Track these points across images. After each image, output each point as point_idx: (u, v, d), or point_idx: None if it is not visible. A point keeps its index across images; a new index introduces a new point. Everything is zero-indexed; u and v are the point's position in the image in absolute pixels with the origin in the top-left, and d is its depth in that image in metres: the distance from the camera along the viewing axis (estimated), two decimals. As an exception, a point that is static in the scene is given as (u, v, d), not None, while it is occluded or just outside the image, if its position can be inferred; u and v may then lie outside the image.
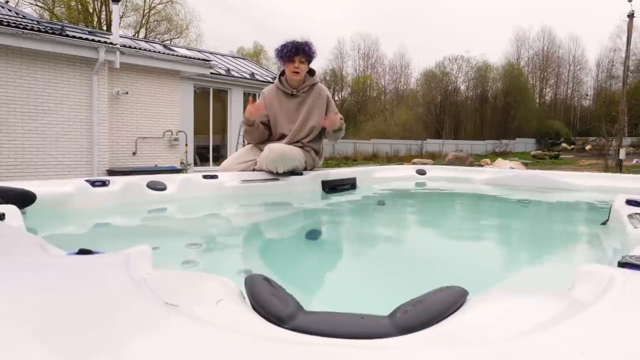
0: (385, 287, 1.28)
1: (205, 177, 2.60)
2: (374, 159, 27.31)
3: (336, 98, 48.11)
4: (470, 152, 29.19)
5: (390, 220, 2.57)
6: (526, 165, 18.69)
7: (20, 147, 7.92)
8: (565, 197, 3.24)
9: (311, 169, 3.09)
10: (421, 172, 3.97)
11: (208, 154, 12.70)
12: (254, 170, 2.93)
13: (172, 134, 10.24)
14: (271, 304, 0.52)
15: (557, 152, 29.54)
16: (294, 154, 2.86)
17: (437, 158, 25.56)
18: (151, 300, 0.55)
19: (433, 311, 0.51)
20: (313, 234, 2.13)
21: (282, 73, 3.09)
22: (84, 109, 8.63)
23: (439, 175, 3.98)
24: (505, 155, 28.42)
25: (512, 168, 12.18)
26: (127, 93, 9.33)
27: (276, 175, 2.83)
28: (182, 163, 10.52)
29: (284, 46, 2.94)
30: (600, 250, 1.70)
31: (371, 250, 1.88)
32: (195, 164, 11.76)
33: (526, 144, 36.50)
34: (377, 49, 50.46)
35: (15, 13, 9.41)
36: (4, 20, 7.76)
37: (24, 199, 1.82)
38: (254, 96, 13.31)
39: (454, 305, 0.55)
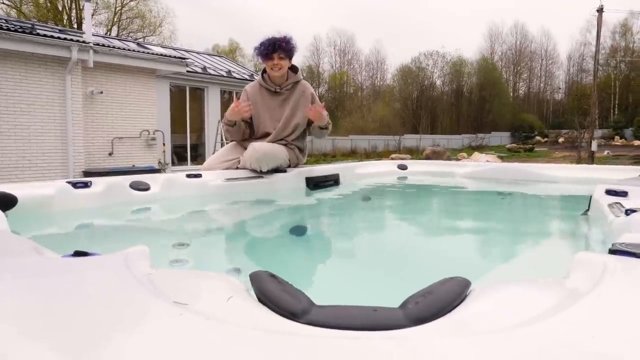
0: (371, 282, 1.29)
1: (188, 176, 2.58)
2: (352, 155, 27.42)
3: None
4: (447, 146, 29.57)
5: (374, 216, 2.59)
6: (502, 158, 19.04)
7: (-9, 149, 7.70)
8: (544, 188, 3.32)
9: (295, 166, 3.09)
10: (402, 167, 4.01)
11: (186, 153, 12.55)
12: (237, 168, 2.91)
13: (149, 134, 10.09)
14: (283, 300, 0.53)
15: (531, 145, 30.18)
16: (278, 153, 2.85)
17: (414, 153, 25.81)
18: (160, 298, 0.55)
19: (442, 302, 0.52)
20: (298, 230, 2.14)
21: (265, 70, 3.07)
22: (57, 110, 8.42)
23: (420, 170, 4.03)
24: (481, 149, 28.89)
25: (489, 161, 12.40)
26: (101, 92, 9.14)
27: (260, 173, 2.82)
28: (159, 163, 10.37)
29: (262, 44, 2.92)
30: (583, 239, 1.75)
31: (357, 246, 1.89)
32: (173, 163, 11.60)
33: (501, 138, 37.18)
34: (352, 44, 50.65)
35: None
36: (-29, 18, 7.52)
37: (4, 202, 1.77)
38: (230, 94, 13.19)
39: (460, 296, 0.56)
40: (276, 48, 2.90)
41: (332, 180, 3.22)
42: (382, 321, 0.48)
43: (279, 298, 0.53)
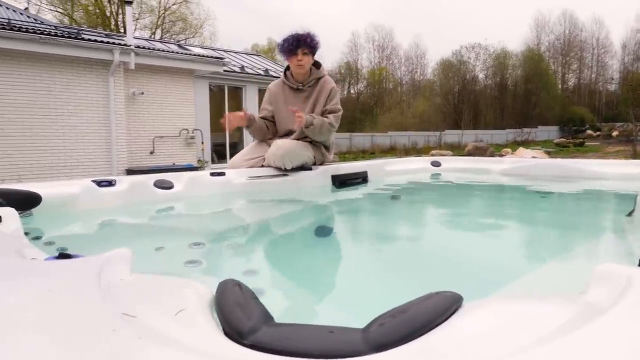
0: (398, 288, 1.22)
1: (212, 174, 2.57)
2: (391, 151, 27.05)
3: (352, 91, 47.87)
4: (491, 141, 28.67)
5: (404, 215, 2.50)
6: (549, 153, 18.26)
7: (42, 149, 8.07)
8: (588, 186, 3.11)
9: (320, 164, 3.04)
10: (436, 164, 3.88)
11: (225, 151, 12.74)
12: (262, 166, 2.89)
13: (188, 132, 10.31)
14: (232, 316, 0.47)
15: (582, 140, 28.74)
16: (302, 150, 2.80)
17: (456, 149, 25.20)
18: (107, 311, 0.51)
19: (416, 322, 0.45)
20: (322, 231, 2.08)
21: (288, 67, 3.03)
22: (101, 110, 8.74)
23: (455, 167, 3.88)
24: (527, 144, 27.83)
25: (535, 157, 11.90)
26: (142, 93, 9.41)
27: (285, 171, 2.79)
28: (199, 161, 10.59)
29: (285, 40, 2.88)
30: (625, 244, 1.60)
31: (384, 247, 1.81)
32: (213, 161, 11.81)
33: (549, 132, 35.67)
34: (391, 39, 49.91)
35: (34, 19, 9.57)
36: (23, 27, 7.90)
37: (28, 201, 1.82)
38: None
39: (442, 315, 0.49)
40: (300, 44, 2.85)
41: (359, 178, 3.15)
42: (336, 346, 0.42)
43: (228, 313, 0.48)
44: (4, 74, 7.61)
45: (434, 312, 0.48)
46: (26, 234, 1.76)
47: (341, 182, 2.96)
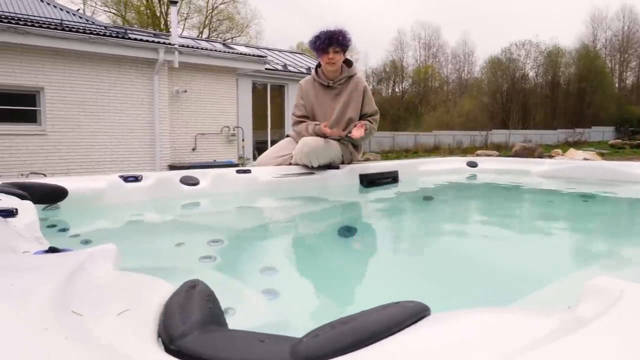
0: (419, 294, 1.16)
1: (238, 171, 2.58)
2: (435, 151, 26.52)
3: (396, 90, 47.29)
4: (540, 142, 27.56)
5: (435, 218, 2.41)
6: (602, 155, 17.33)
7: (90, 144, 8.43)
8: (637, 191, 2.91)
9: (349, 163, 3.00)
10: (472, 165, 3.74)
11: (267, 148, 12.88)
12: (290, 164, 2.87)
13: (229, 130, 10.49)
14: (169, 319, 0.45)
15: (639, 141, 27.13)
16: (329, 148, 2.77)
17: (503, 149, 24.40)
18: (55, 308, 0.50)
19: (350, 337, 0.41)
20: (346, 231, 2.03)
21: (319, 65, 3.00)
22: (146, 108, 9.03)
23: (492, 168, 3.74)
24: (579, 145, 26.54)
25: (586, 159, 11.31)
26: (185, 91, 9.65)
27: (311, 169, 2.76)
28: (240, 158, 10.76)
29: (317, 37, 2.84)
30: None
31: (410, 250, 1.74)
32: (255, 158, 11.98)
33: (604, 133, 33.86)
34: (438, 37, 48.89)
35: (86, 20, 10.02)
36: (74, 27, 8.28)
37: (55, 195, 1.88)
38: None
39: (396, 326, 0.45)
40: (332, 42, 2.81)
41: (389, 178, 3.08)
42: (258, 357, 0.38)
43: (166, 316, 0.46)
44: (55, 72, 8.00)
45: (382, 324, 0.44)
46: (53, 226, 1.84)
47: (369, 181, 2.90)
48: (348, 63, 2.99)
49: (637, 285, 0.55)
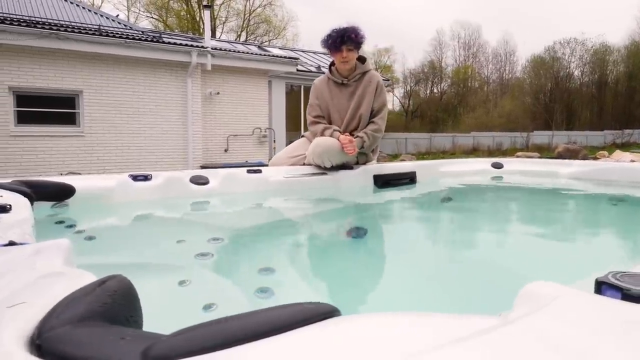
0: (427, 302, 1.11)
1: (249, 171, 2.58)
2: (473, 152, 25.92)
3: (435, 91, 46.54)
4: (585, 143, 26.44)
5: (452, 220, 2.32)
6: (652, 157, 16.41)
7: (125, 145, 8.71)
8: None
9: (363, 164, 2.94)
10: (497, 166, 3.60)
11: (299, 149, 12.95)
12: (304, 164, 2.85)
13: (261, 131, 10.59)
14: (48, 313, 0.43)
15: (695, 143, 25.56)
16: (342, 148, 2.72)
17: (544, 151, 23.55)
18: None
19: (223, 335, 0.38)
20: (356, 233, 1.97)
21: (333, 63, 2.96)
22: (179, 110, 9.25)
23: (518, 169, 3.58)
24: (627, 146, 25.27)
25: (633, 161, 10.74)
26: (218, 93, 9.81)
27: (324, 169, 2.72)
28: (271, 158, 10.85)
29: (329, 36, 2.80)
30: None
31: (423, 255, 1.65)
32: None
33: (656, 134, 32.16)
34: (478, 36, 47.82)
35: (124, 25, 10.36)
36: (111, 32, 8.57)
37: (63, 192, 1.93)
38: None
39: (280, 328, 0.41)
40: (344, 40, 2.77)
41: (406, 179, 3.00)
42: (106, 356, 0.36)
43: (50, 311, 0.44)
44: (94, 76, 8.31)
45: (259, 324, 0.40)
46: (61, 222, 1.88)
47: (384, 182, 2.83)
48: (362, 59, 2.94)
49: (574, 291, 0.49)
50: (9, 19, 7.57)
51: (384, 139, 26.72)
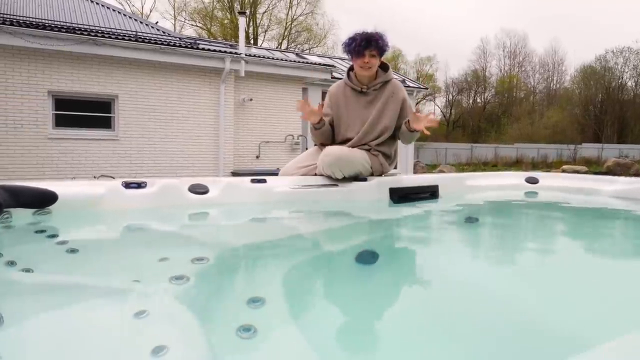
0: (452, 348, 0.91)
1: (253, 181, 2.41)
2: (517, 164, 24.95)
3: (478, 100, 45.40)
4: (639, 158, 24.97)
5: (477, 244, 2.03)
6: None
7: (157, 150, 8.78)
8: None
9: (379, 175, 2.71)
10: (532, 181, 3.29)
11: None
12: (315, 175, 2.65)
13: (293, 138, 10.48)
14: None
15: None
16: (355, 158, 2.51)
17: (593, 164, 22.39)
18: None
19: None
20: (365, 257, 1.69)
21: (352, 68, 2.76)
22: (212, 115, 9.27)
23: (555, 185, 3.25)
24: (686, 162, 23.66)
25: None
26: (251, 100, 9.78)
27: (335, 181, 2.52)
28: (303, 167, 10.71)
29: (352, 39, 2.60)
30: None
31: (440, 287, 1.37)
32: (318, 167, 11.90)
33: None
34: (525, 45, 46.32)
35: (162, 32, 10.52)
36: (147, 38, 8.70)
37: (44, 199, 1.82)
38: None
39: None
40: (369, 45, 2.56)
41: (426, 193, 2.75)
42: None
43: None
44: (129, 81, 8.44)
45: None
46: (42, 231, 1.76)
47: (401, 196, 2.59)
48: (384, 67, 2.73)
49: None
50: (49, 25, 7.81)
51: (423, 148, 26.12)
